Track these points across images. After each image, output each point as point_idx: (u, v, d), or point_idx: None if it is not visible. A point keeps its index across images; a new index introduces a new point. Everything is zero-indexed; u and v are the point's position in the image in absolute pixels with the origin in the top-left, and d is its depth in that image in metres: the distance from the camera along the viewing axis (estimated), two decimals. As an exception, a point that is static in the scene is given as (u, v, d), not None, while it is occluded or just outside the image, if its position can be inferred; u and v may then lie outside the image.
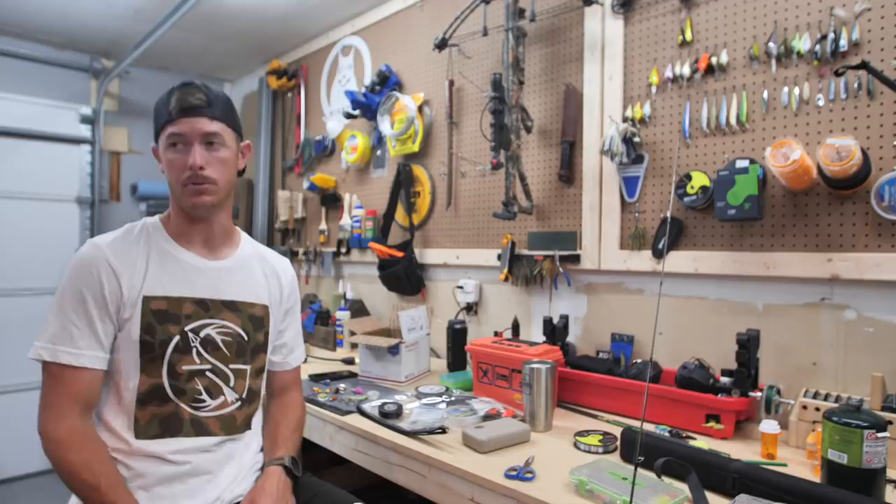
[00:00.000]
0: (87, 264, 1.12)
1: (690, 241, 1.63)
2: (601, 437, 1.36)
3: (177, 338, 1.16)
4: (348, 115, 2.72)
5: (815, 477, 1.13)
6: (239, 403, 1.24)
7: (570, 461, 1.20)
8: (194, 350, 1.18)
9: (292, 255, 3.21)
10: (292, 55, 3.39)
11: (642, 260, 1.72)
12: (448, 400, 1.67)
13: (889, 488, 1.07)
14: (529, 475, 1.16)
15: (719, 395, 1.38)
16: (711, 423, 1.39)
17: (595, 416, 1.57)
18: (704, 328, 1.62)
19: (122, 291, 1.13)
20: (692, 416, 1.42)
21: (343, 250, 2.87)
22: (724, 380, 1.42)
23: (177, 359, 1.16)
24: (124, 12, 2.83)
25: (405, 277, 2.41)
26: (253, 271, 1.32)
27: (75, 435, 1.07)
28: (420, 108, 2.46)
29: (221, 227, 1.28)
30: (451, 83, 2.33)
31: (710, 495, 1.06)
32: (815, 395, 1.34)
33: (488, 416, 1.51)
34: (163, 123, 1.17)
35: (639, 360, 1.67)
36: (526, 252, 2.04)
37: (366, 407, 1.61)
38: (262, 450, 1.31)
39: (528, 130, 1.97)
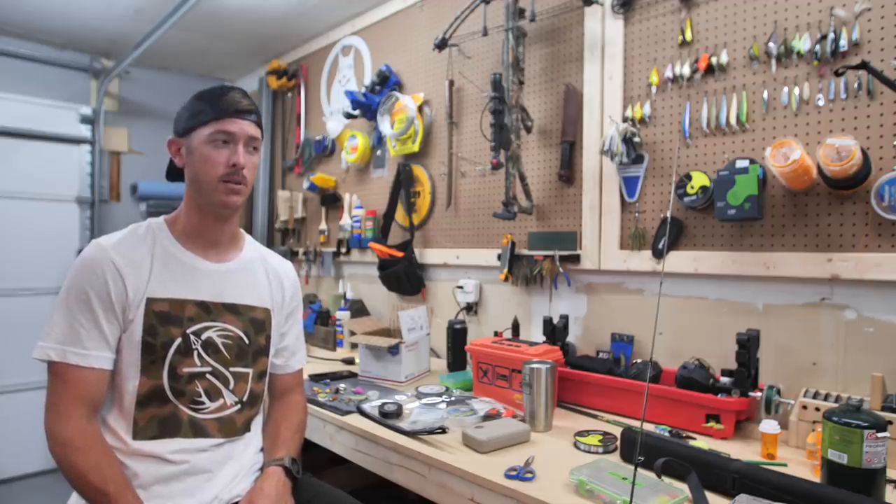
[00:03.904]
0: (92, 265, 1.12)
1: (690, 241, 1.63)
2: (601, 437, 1.36)
3: (178, 340, 1.16)
4: (348, 115, 2.72)
5: (815, 477, 1.13)
6: (238, 406, 1.24)
7: (570, 461, 1.20)
8: (195, 352, 1.18)
9: (292, 255, 3.21)
10: (292, 55, 3.39)
11: (642, 260, 1.72)
12: (448, 400, 1.67)
13: (889, 488, 1.07)
14: (529, 475, 1.16)
15: (719, 395, 1.38)
16: (711, 423, 1.39)
17: (595, 416, 1.57)
18: (704, 328, 1.62)
19: (128, 292, 1.13)
20: (692, 416, 1.42)
21: (343, 250, 2.87)
22: (724, 380, 1.42)
23: (178, 360, 1.16)
24: (124, 12, 2.83)
25: (405, 277, 2.41)
26: (256, 274, 1.32)
27: (83, 436, 1.07)
28: (420, 108, 2.46)
29: (230, 230, 1.28)
30: (451, 83, 2.33)
31: (710, 495, 1.06)
32: (815, 395, 1.34)
33: (488, 416, 1.51)
34: (207, 119, 1.17)
35: (639, 360, 1.67)
36: (526, 252, 2.04)
37: (366, 407, 1.61)
38: (262, 450, 1.31)
39: (528, 130, 1.97)
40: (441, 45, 2.09)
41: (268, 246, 2.28)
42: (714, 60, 1.56)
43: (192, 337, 1.18)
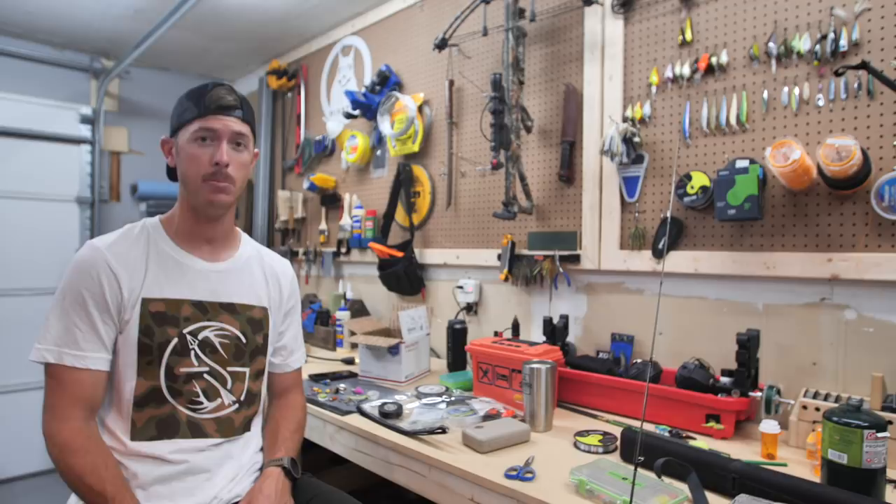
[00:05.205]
0: (86, 266, 1.12)
1: (690, 241, 1.63)
2: (601, 437, 1.36)
3: (175, 340, 1.16)
4: (348, 115, 2.72)
5: (815, 477, 1.13)
6: (237, 406, 1.24)
7: (570, 461, 1.20)
8: (192, 352, 1.18)
9: (292, 255, 3.21)
10: (292, 55, 3.39)
11: (642, 260, 1.72)
12: (448, 400, 1.67)
13: (889, 488, 1.07)
14: (529, 475, 1.16)
15: (719, 395, 1.38)
16: (711, 423, 1.39)
17: (595, 416, 1.57)
18: (704, 328, 1.62)
19: (122, 293, 1.13)
20: (692, 416, 1.42)
21: (343, 250, 2.87)
22: (724, 380, 1.42)
23: (175, 361, 1.16)
24: (124, 12, 2.83)
25: (405, 277, 2.41)
26: (253, 273, 1.32)
27: (80, 438, 1.07)
28: (420, 108, 2.46)
29: (224, 228, 1.28)
30: (451, 83, 2.33)
31: (710, 495, 1.06)
32: (815, 395, 1.34)
33: (488, 416, 1.51)
34: (191, 117, 1.17)
35: (639, 360, 1.67)
36: (526, 252, 2.04)
37: (366, 407, 1.61)
38: (261, 450, 1.31)
39: (528, 130, 1.97)
40: (441, 45, 2.08)
41: (268, 246, 2.28)
42: (714, 60, 1.56)
43: (188, 337, 1.18)
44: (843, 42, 1.35)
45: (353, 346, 2.49)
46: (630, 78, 1.76)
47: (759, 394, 1.36)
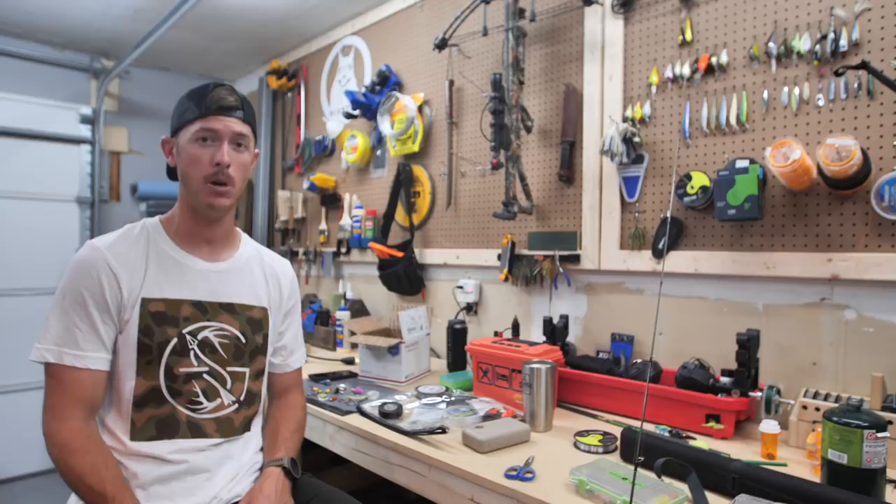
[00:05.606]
0: (86, 266, 1.12)
1: (690, 241, 1.63)
2: (601, 437, 1.36)
3: (174, 340, 1.16)
4: (348, 115, 2.72)
5: (815, 477, 1.13)
6: (236, 406, 1.24)
7: (570, 461, 1.20)
8: (192, 352, 1.18)
9: (292, 255, 3.21)
10: (292, 55, 3.39)
11: (642, 260, 1.72)
12: (448, 400, 1.67)
13: (889, 488, 1.07)
14: (529, 475, 1.16)
15: (719, 395, 1.38)
16: (711, 423, 1.39)
17: (595, 416, 1.57)
18: (704, 328, 1.62)
19: (122, 293, 1.13)
20: (692, 416, 1.42)
21: (343, 250, 2.87)
22: (724, 380, 1.42)
23: (174, 361, 1.16)
24: (124, 12, 2.83)
25: (405, 277, 2.41)
26: (252, 273, 1.32)
27: (80, 438, 1.07)
28: (420, 108, 2.46)
29: (224, 229, 1.28)
30: (451, 83, 2.33)
31: (710, 495, 1.06)
32: (815, 395, 1.34)
33: (488, 416, 1.51)
34: (192, 118, 1.16)
35: (639, 360, 1.67)
36: (526, 252, 2.04)
37: (366, 407, 1.61)
38: (261, 450, 1.31)
39: (528, 130, 1.97)
40: (441, 45, 2.08)
41: (268, 246, 2.28)
42: (714, 60, 1.56)
43: (188, 337, 1.18)
44: (843, 42, 1.35)
45: (353, 346, 2.49)
46: (630, 78, 1.76)
47: (759, 394, 1.36)
